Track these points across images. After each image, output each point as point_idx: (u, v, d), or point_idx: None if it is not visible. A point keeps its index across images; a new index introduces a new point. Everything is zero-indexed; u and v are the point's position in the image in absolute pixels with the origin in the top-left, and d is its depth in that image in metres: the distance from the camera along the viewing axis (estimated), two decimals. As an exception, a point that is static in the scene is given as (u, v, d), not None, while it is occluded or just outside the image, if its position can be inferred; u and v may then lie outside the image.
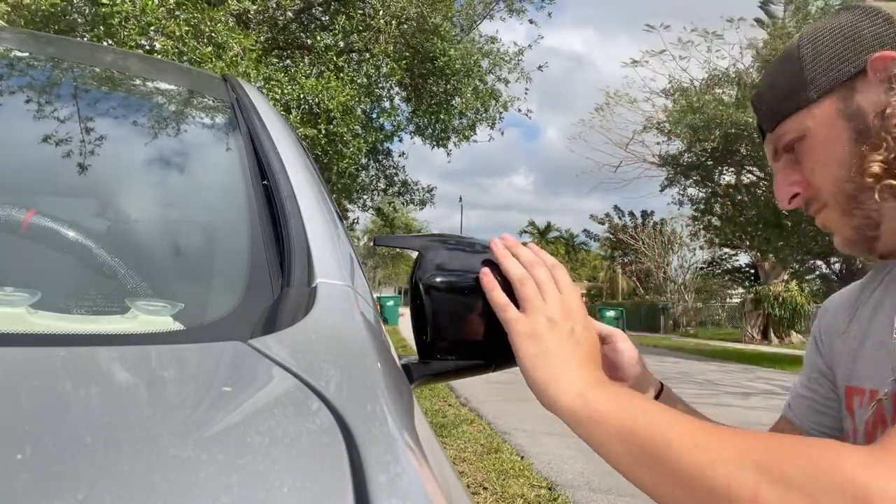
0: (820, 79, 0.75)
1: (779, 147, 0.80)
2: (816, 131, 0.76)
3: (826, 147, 0.75)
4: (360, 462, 0.37)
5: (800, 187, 0.79)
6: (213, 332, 0.56)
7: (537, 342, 0.65)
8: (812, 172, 0.77)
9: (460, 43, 11.24)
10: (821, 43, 0.76)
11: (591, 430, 0.61)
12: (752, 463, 0.53)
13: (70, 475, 0.31)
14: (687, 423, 0.59)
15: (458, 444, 5.39)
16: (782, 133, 0.79)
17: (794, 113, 0.77)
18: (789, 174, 0.80)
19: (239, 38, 7.02)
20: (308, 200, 0.80)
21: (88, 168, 0.86)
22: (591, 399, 0.62)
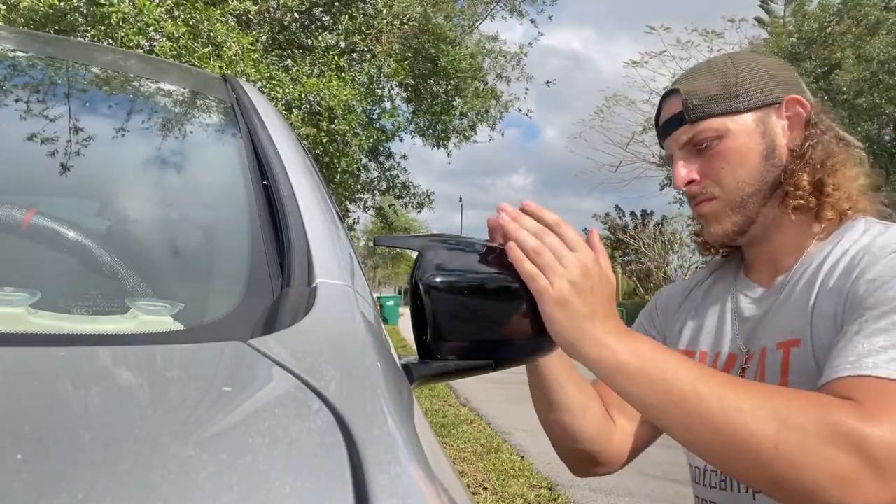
0: (750, 95, 0.90)
1: (696, 138, 0.91)
2: (736, 136, 0.89)
3: (740, 152, 0.89)
4: (360, 462, 0.37)
5: (698, 175, 0.92)
6: (213, 332, 0.56)
7: (565, 307, 0.70)
8: (720, 170, 0.90)
9: (462, 43, 11.23)
10: (755, 68, 0.92)
11: (620, 381, 0.69)
12: (771, 413, 0.63)
13: (70, 475, 0.31)
14: (711, 375, 0.68)
15: (458, 444, 5.39)
16: (706, 128, 0.90)
17: (722, 115, 0.89)
18: (691, 163, 0.93)
19: (238, 37, 7.01)
20: (308, 200, 0.80)
21: (88, 168, 0.86)
22: (618, 352, 0.69)
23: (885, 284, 0.73)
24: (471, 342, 0.72)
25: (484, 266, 0.73)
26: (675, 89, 0.94)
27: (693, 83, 0.93)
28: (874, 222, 0.87)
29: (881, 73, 13.12)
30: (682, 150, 0.93)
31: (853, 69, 13.21)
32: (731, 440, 0.64)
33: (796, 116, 0.91)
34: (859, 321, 0.72)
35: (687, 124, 0.91)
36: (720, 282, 1.03)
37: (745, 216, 0.90)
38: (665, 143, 0.97)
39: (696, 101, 0.91)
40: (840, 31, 13.81)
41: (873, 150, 13.67)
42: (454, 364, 0.72)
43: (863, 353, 0.69)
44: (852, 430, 0.61)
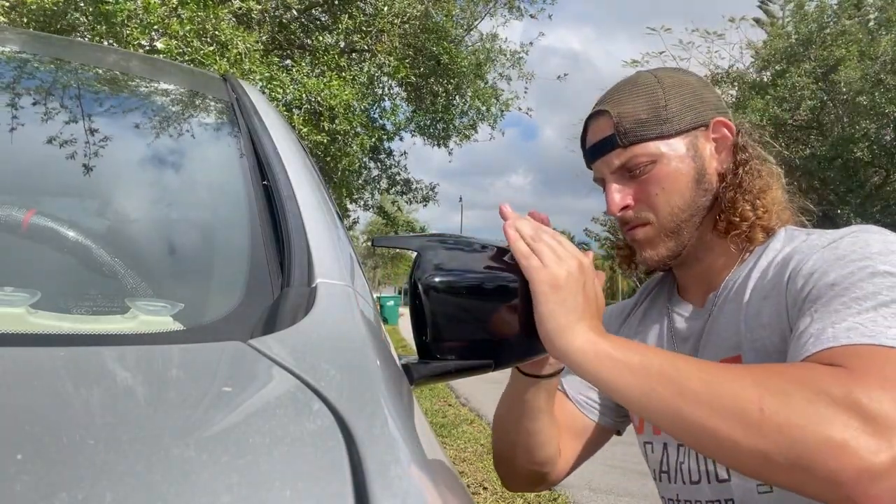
0: (680, 118, 0.89)
1: (629, 164, 0.90)
2: (669, 161, 0.89)
3: (673, 177, 0.89)
4: (360, 462, 0.37)
5: (632, 200, 0.91)
6: (213, 332, 0.56)
7: (557, 292, 0.70)
8: (654, 196, 0.89)
9: (462, 42, 11.23)
10: (682, 88, 0.91)
11: (601, 367, 0.69)
12: (751, 382, 0.62)
13: (70, 475, 0.31)
14: (687, 357, 0.69)
15: (458, 444, 5.39)
16: (639, 153, 0.89)
17: (653, 139, 0.89)
18: (624, 187, 0.92)
19: (243, 35, 7.00)
20: (308, 200, 0.80)
21: (88, 168, 0.86)
22: (599, 342, 0.70)
23: (823, 274, 0.74)
24: (470, 342, 0.72)
25: (483, 266, 0.74)
26: (603, 110, 0.92)
27: (622, 105, 0.91)
28: (795, 231, 0.89)
29: (882, 73, 13.12)
30: (615, 175, 0.92)
31: (856, 68, 13.20)
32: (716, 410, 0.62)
33: (723, 139, 0.91)
34: (809, 313, 0.72)
35: (619, 148, 0.90)
36: (655, 304, 1.04)
37: (679, 241, 0.91)
38: (594, 165, 0.95)
39: (628, 126, 0.89)
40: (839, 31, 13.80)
41: (873, 150, 13.67)
42: (454, 364, 0.72)
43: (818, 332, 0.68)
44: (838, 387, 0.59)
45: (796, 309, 0.76)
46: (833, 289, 0.71)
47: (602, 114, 0.93)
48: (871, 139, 13.56)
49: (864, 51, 13.36)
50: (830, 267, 0.74)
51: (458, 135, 12.39)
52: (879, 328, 0.65)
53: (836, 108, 14.74)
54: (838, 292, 0.70)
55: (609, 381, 0.69)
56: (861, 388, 0.59)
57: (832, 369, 0.63)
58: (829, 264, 0.74)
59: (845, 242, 0.76)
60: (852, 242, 0.76)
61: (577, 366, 0.70)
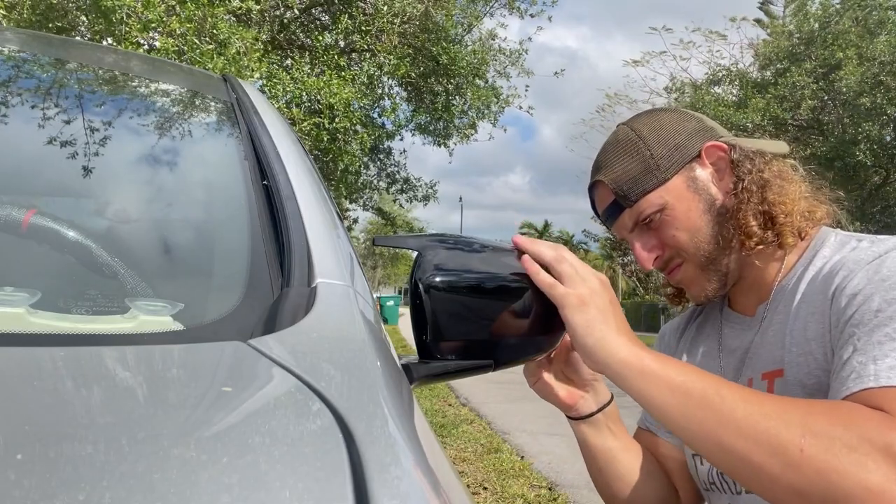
0: (668, 162, 0.91)
1: (639, 220, 0.92)
2: (674, 204, 0.90)
3: (686, 216, 0.90)
4: (360, 462, 0.37)
5: (659, 250, 0.93)
6: (213, 332, 0.56)
7: (586, 310, 0.72)
8: (674, 237, 0.91)
9: (462, 41, 11.23)
10: (661, 132, 0.92)
11: (644, 384, 0.69)
12: (796, 419, 0.62)
13: (70, 475, 0.31)
14: (729, 382, 0.68)
15: (458, 444, 5.39)
16: (644, 208, 0.91)
17: (652, 190, 0.90)
18: (647, 240, 0.93)
19: (241, 33, 7.00)
20: (308, 200, 0.80)
21: (89, 168, 0.86)
22: (643, 356, 0.70)
23: (868, 298, 0.72)
24: (470, 342, 0.72)
25: (483, 266, 0.74)
26: (599, 181, 0.95)
27: (612, 170, 0.93)
28: (845, 236, 0.86)
29: (882, 75, 13.12)
30: (634, 233, 0.94)
31: (856, 70, 13.19)
32: (756, 444, 0.62)
33: (720, 161, 0.91)
34: (851, 341, 0.71)
35: (626, 209, 0.93)
36: (709, 318, 1.04)
37: (719, 270, 0.91)
38: (613, 229, 0.98)
39: (625, 188, 0.91)
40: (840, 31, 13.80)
41: (874, 151, 13.66)
42: (454, 364, 0.72)
43: (861, 368, 0.67)
44: (879, 434, 0.59)
45: (839, 330, 0.74)
46: (877, 316, 0.70)
47: (599, 184, 0.96)
48: (873, 140, 13.56)
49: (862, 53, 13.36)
50: (875, 290, 0.72)
51: (458, 134, 12.39)
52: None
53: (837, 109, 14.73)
54: (882, 321, 0.69)
55: (650, 397, 0.69)
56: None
57: (876, 415, 0.62)
58: (873, 286, 0.72)
59: (891, 260, 0.74)
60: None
61: (620, 378, 0.71)
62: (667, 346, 1.10)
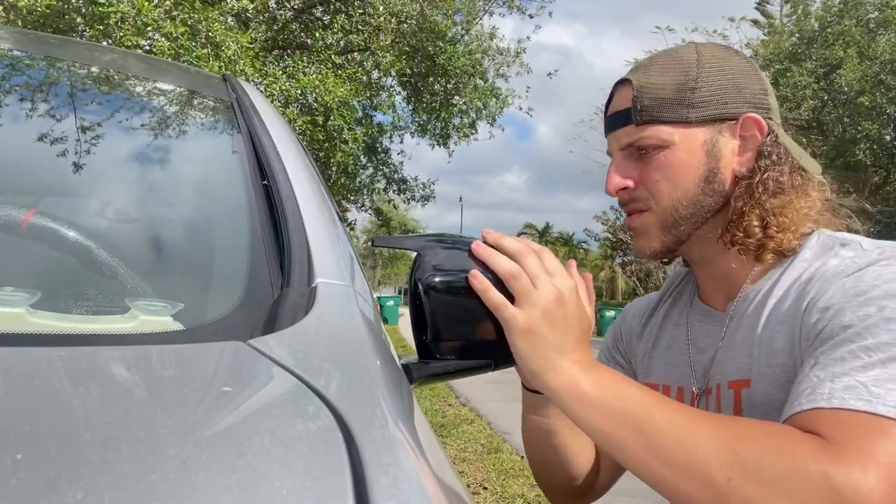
0: (706, 105, 0.80)
1: (638, 143, 0.82)
2: (679, 150, 0.80)
3: (681, 169, 0.81)
4: (359, 462, 0.37)
5: (633, 182, 0.84)
6: (213, 332, 0.57)
7: (531, 336, 0.67)
8: (656, 182, 0.82)
9: (460, 41, 11.24)
10: (721, 72, 0.81)
11: (580, 410, 0.66)
12: (725, 445, 0.59)
13: (70, 475, 0.31)
14: (666, 404, 0.64)
15: (458, 444, 5.39)
16: (651, 135, 0.81)
17: (669, 123, 0.80)
18: (627, 168, 0.84)
19: (236, 35, 7.01)
20: (308, 200, 0.80)
21: (88, 168, 0.86)
22: (579, 382, 0.66)
23: (839, 312, 0.68)
24: (470, 342, 0.72)
25: (483, 265, 0.73)
26: (627, 79, 0.85)
27: (647, 76, 0.83)
28: (829, 239, 0.80)
29: (883, 74, 13.12)
30: (622, 152, 0.85)
31: (856, 68, 13.20)
32: (684, 472, 0.59)
33: (751, 139, 0.82)
34: (815, 354, 0.67)
35: (632, 125, 0.82)
36: (676, 305, 0.98)
37: (675, 237, 0.84)
38: (607, 137, 0.88)
39: (646, 102, 0.81)
40: (840, 31, 13.80)
41: (874, 150, 13.67)
42: (454, 364, 0.72)
43: (817, 384, 0.63)
44: (814, 462, 0.56)
45: (808, 343, 0.71)
46: (845, 331, 0.66)
47: (625, 83, 0.85)
48: (873, 139, 13.56)
49: (863, 52, 13.36)
50: (848, 304, 0.68)
51: (457, 133, 12.39)
52: (881, 390, 0.60)
53: (837, 109, 14.73)
54: (848, 336, 0.65)
55: (586, 424, 0.66)
56: (839, 466, 0.55)
57: (813, 441, 0.58)
58: (847, 300, 0.68)
59: (870, 274, 0.69)
60: (877, 276, 0.69)
61: (558, 404, 0.69)
62: (628, 329, 1.04)
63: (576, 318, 0.69)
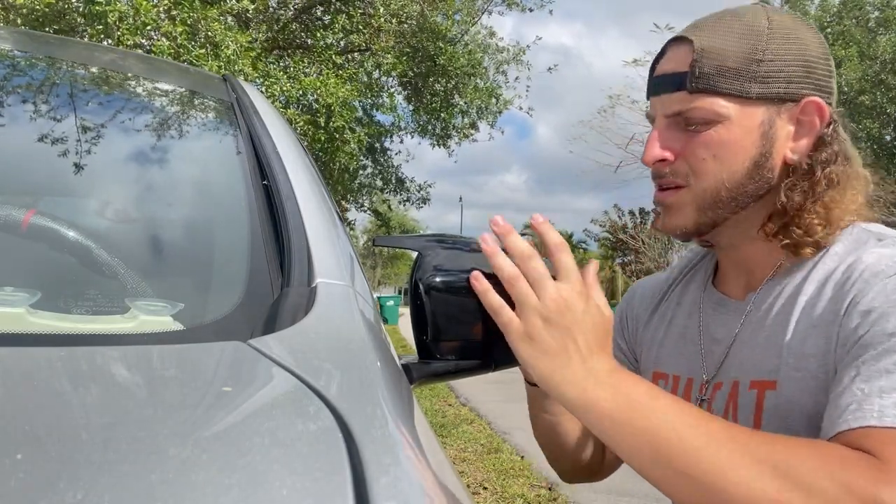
0: (769, 82, 0.73)
1: (688, 114, 0.74)
2: (733, 128, 0.73)
3: (732, 149, 0.73)
4: (360, 462, 0.37)
5: (673, 155, 0.76)
6: (213, 332, 0.57)
7: (533, 344, 0.63)
8: (702, 161, 0.74)
9: (460, 41, 11.25)
10: (792, 45, 0.74)
11: (603, 429, 0.61)
12: (771, 467, 0.55)
13: (70, 475, 0.31)
14: (698, 419, 0.59)
15: (458, 444, 5.39)
16: (705, 106, 0.73)
17: (727, 95, 0.72)
18: (670, 138, 0.76)
19: (235, 35, 7.02)
20: (308, 200, 0.80)
21: (88, 168, 0.86)
22: (596, 396, 0.61)
23: (882, 317, 0.63)
24: (471, 342, 0.72)
25: (484, 265, 0.73)
26: (687, 38, 0.75)
27: (711, 38, 0.74)
28: (863, 232, 0.74)
29: (883, 73, 13.13)
30: (667, 120, 0.77)
31: (857, 68, 13.20)
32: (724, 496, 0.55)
33: (808, 125, 0.74)
34: (856, 364, 0.62)
35: (684, 92, 0.74)
36: (689, 289, 0.91)
37: (711, 219, 0.77)
38: (651, 100, 0.79)
39: (706, 68, 0.72)
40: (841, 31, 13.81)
41: (874, 150, 13.67)
42: (454, 364, 0.72)
43: (863, 399, 0.59)
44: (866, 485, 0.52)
45: (845, 350, 0.65)
46: (889, 340, 0.61)
47: (684, 42, 0.76)
48: (873, 138, 13.57)
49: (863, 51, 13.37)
50: (892, 308, 0.63)
51: (458, 133, 12.40)
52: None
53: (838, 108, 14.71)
54: (893, 346, 0.60)
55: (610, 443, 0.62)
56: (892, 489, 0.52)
57: (865, 462, 0.55)
58: (890, 304, 0.63)
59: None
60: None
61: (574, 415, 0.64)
62: (635, 316, 0.97)
63: (586, 323, 0.63)
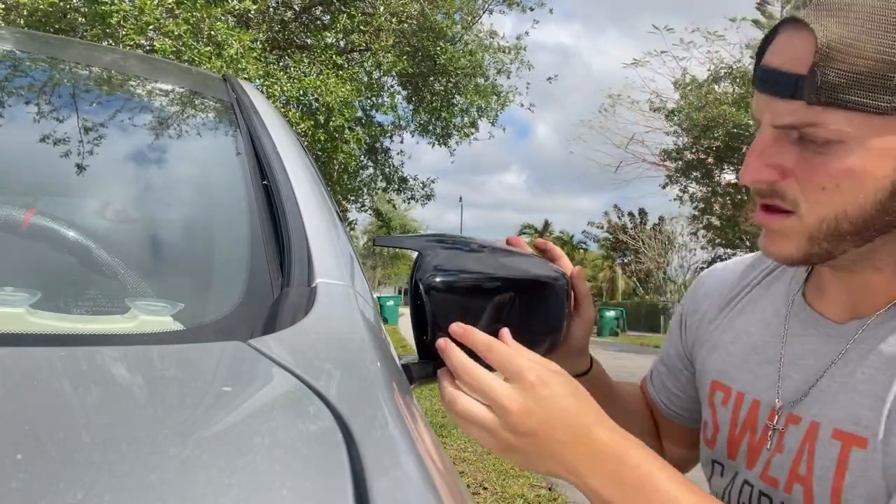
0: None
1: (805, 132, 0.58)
2: (863, 152, 0.55)
3: (860, 178, 0.56)
4: (359, 462, 0.37)
5: (779, 176, 0.60)
6: (213, 332, 0.57)
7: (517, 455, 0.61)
8: (821, 189, 0.58)
9: (461, 40, 11.26)
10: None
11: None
12: None
13: (70, 475, 0.31)
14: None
15: (458, 444, 5.38)
16: (826, 122, 0.55)
17: (859, 111, 0.54)
18: (778, 153, 0.60)
19: (238, 35, 7.03)
20: (308, 200, 0.80)
21: (88, 168, 0.86)
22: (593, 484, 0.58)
23: None
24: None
25: (483, 266, 0.73)
26: (806, 25, 0.55)
27: (843, 28, 0.54)
28: None
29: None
30: (777, 131, 0.60)
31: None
32: None
33: None
34: None
35: (802, 102, 0.56)
36: (773, 293, 0.76)
37: (826, 251, 0.62)
38: (757, 96, 0.62)
39: (833, 76, 0.54)
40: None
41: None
42: None
43: None
44: None
45: None
46: None
47: (802, 29, 0.56)
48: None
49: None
50: None
51: (458, 133, 12.41)
52: None
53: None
54: None
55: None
56: None
57: None
58: None
59: None
60: None
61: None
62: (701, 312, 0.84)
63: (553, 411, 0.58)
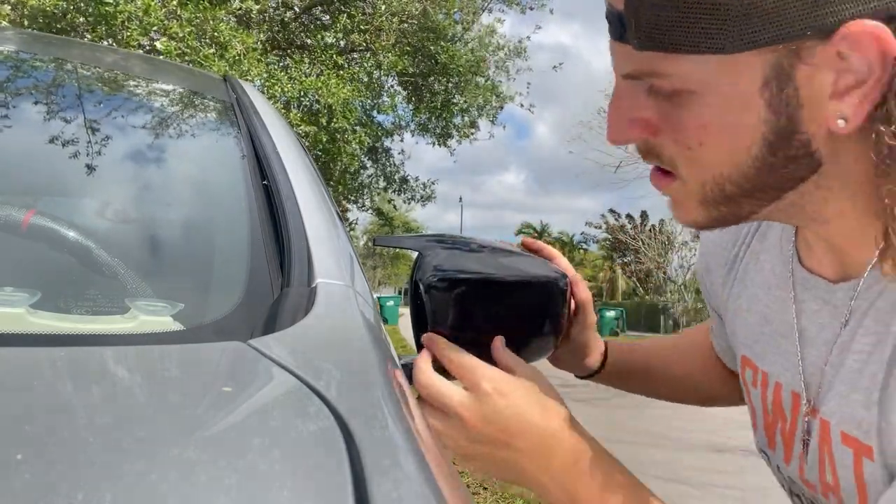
0: (761, 23, 0.42)
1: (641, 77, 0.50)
2: (713, 102, 0.47)
3: (718, 134, 0.48)
4: (360, 462, 0.37)
5: (649, 133, 0.52)
6: (213, 332, 0.57)
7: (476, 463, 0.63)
8: (686, 149, 0.50)
9: (461, 39, 11.27)
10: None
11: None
12: None
13: (70, 476, 0.31)
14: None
15: (457, 444, 5.39)
16: (657, 71, 0.48)
17: (695, 53, 0.45)
18: (638, 107, 0.51)
19: (242, 36, 7.04)
20: (308, 200, 0.80)
21: (89, 168, 0.86)
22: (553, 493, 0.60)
23: None
24: (471, 342, 0.72)
25: (483, 266, 0.73)
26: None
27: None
28: None
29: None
30: (629, 83, 0.52)
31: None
32: None
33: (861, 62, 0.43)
34: None
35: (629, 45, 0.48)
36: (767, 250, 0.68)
37: (732, 213, 0.54)
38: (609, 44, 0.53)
39: (647, 13, 0.45)
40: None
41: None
42: None
43: None
44: None
45: None
46: None
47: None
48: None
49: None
50: None
51: (458, 132, 12.41)
52: None
53: None
54: None
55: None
56: None
57: None
58: None
59: None
60: None
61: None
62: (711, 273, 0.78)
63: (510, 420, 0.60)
